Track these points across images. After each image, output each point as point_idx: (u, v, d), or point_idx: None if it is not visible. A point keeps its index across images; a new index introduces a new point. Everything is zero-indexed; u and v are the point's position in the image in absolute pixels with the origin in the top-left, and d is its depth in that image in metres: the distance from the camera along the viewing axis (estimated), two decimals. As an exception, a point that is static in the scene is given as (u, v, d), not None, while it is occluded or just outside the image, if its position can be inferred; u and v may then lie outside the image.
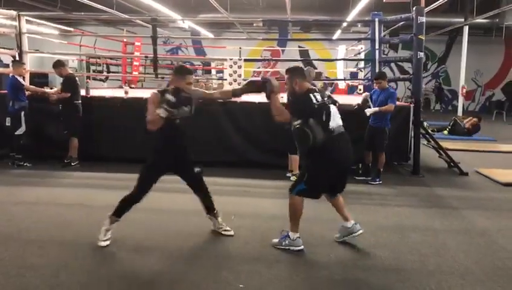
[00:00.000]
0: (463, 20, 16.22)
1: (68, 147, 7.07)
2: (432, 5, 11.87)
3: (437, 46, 21.85)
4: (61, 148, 7.11)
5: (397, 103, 7.78)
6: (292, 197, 3.88)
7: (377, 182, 6.54)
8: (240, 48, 13.10)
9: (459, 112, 16.14)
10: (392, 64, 19.91)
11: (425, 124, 7.76)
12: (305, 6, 16.39)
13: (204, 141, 6.93)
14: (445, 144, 9.14)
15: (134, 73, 12.82)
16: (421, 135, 7.36)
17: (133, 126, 7.26)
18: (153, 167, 3.93)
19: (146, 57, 11.22)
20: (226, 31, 20.91)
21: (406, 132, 7.29)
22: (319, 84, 8.19)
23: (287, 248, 3.87)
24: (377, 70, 7.82)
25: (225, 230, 4.28)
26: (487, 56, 21.28)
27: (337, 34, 18.77)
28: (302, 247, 3.88)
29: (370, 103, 6.68)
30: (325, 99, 3.83)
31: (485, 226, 4.73)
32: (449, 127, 12.00)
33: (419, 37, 6.98)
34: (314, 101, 3.73)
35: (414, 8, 7.11)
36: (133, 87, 12.12)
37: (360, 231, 4.09)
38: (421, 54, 7.03)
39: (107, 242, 3.89)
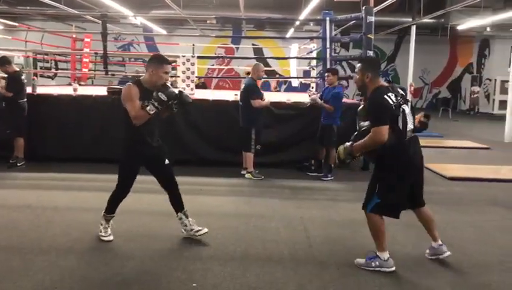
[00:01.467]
0: (411, 19, 16.77)
1: (13, 147, 6.79)
2: (381, 5, 12.19)
3: (386, 45, 22.50)
4: (5, 148, 6.81)
5: (347, 100, 7.95)
6: (368, 216, 3.51)
7: (329, 178, 6.67)
8: (193, 45, 13.00)
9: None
10: (344, 63, 20.31)
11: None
12: (259, 4, 16.44)
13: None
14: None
15: (83, 70, 12.44)
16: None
17: (82, 124, 7.09)
18: (129, 162, 3.92)
19: (96, 53, 10.91)
20: (179, 27, 20.69)
21: (355, 129, 7.43)
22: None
23: (378, 269, 3.48)
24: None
25: (197, 231, 4.07)
26: (434, 55, 22.12)
27: (290, 33, 18.96)
28: (394, 268, 3.50)
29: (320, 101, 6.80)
30: (399, 98, 3.38)
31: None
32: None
33: (369, 36, 7.16)
34: (391, 102, 3.30)
35: (363, 8, 7.29)
36: (82, 85, 11.77)
37: (447, 254, 3.71)
38: (371, 53, 7.20)
39: (111, 237, 3.98)
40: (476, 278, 3.49)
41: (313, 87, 11.45)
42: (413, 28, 16.54)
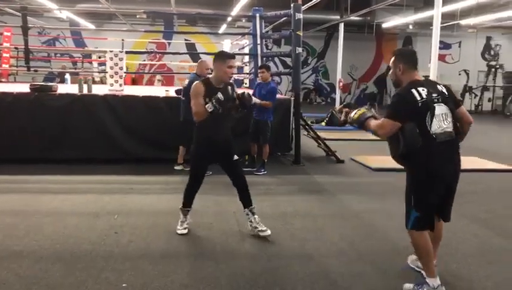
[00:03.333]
0: (339, 17, 17.31)
1: None
2: (309, 3, 12.49)
3: (316, 42, 23.06)
4: None
5: (279, 96, 8.08)
6: (411, 234, 3.08)
7: (262, 173, 6.75)
8: (123, 39, 12.63)
9: (337, 104, 17.22)
10: (276, 59, 20.58)
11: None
12: (189, 0, 16.28)
13: (84, 136, 6.63)
14: (324, 135, 9.71)
15: (4, 66, 11.71)
16: (301, 126, 7.73)
17: (2, 124, 6.70)
18: (197, 157, 4.15)
19: (16, 48, 10.31)
20: (108, 22, 20.03)
21: (287, 124, 7.61)
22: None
23: None
24: (259, 64, 8.03)
25: (260, 231, 4.11)
26: (361, 52, 22.94)
27: (223, 28, 18.94)
28: None
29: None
30: (433, 96, 2.98)
31: (358, 209, 5.12)
32: (327, 119, 12.75)
33: (297, 33, 7.30)
34: (418, 98, 2.95)
35: (292, 5, 7.41)
36: (3, 81, 11.10)
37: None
38: (299, 49, 7.36)
39: (185, 231, 4.16)
40: (402, 263, 3.67)
41: (246, 83, 11.53)
42: (341, 26, 17.07)
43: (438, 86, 3.09)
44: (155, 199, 5.32)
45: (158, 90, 7.92)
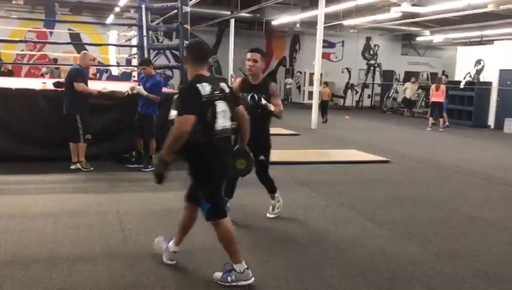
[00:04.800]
0: (229, 13, 17.47)
1: None
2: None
3: (208, 36, 22.97)
4: None
5: (167, 90, 7.94)
6: (212, 224, 3.16)
7: (149, 169, 6.54)
8: (-6, 27, 11.52)
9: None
10: (168, 53, 20.23)
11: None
12: (73, -13, 15.35)
13: None
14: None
15: None
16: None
17: None
18: None
19: None
20: (-22, 7, 18.18)
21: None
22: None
23: (234, 284, 3.11)
24: (146, 57, 7.82)
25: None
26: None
27: (111, 19, 18.13)
28: (252, 279, 3.15)
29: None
30: (216, 92, 3.06)
31: (248, 201, 5.15)
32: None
33: (185, 26, 7.21)
34: (202, 93, 2.98)
35: (179, -2, 7.31)
36: None
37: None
38: (187, 43, 7.27)
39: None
40: (282, 252, 3.78)
41: (134, 76, 11.16)
42: (232, 22, 17.29)
43: (221, 83, 3.19)
44: (30, 200, 4.92)
45: (34, 83, 7.34)
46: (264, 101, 4.14)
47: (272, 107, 4.18)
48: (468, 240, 4.33)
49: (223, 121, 3.11)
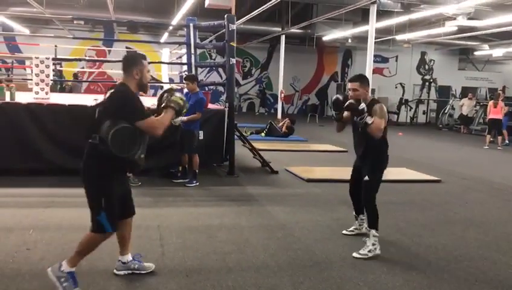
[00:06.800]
0: (280, 29, 17.58)
1: None
2: (249, 15, 12.60)
3: (260, 53, 23.33)
4: None
5: (213, 106, 8.04)
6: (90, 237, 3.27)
7: (194, 184, 6.65)
8: (56, 46, 12.19)
9: (279, 115, 17.42)
10: (221, 70, 20.58)
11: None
12: (129, 7, 16.01)
13: (3, 145, 6.30)
14: (262, 145, 9.78)
15: None
16: (236, 137, 7.72)
17: None
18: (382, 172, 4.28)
19: None
20: (45, 27, 19.37)
21: (221, 134, 7.56)
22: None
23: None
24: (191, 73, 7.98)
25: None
26: (303, 64, 23.41)
27: (165, 37, 18.74)
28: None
29: None
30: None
31: (285, 220, 5.14)
32: (266, 130, 12.86)
33: (231, 43, 7.30)
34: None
35: (225, 16, 7.41)
36: None
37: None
38: (233, 60, 7.37)
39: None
40: (318, 274, 3.69)
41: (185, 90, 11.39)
42: (283, 38, 17.35)
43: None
44: (77, 214, 5.06)
45: (86, 99, 7.65)
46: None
47: (369, 121, 4.04)
48: (521, 267, 4.04)
49: None
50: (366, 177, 4.21)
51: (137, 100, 3.16)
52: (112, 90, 3.18)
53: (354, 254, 4.11)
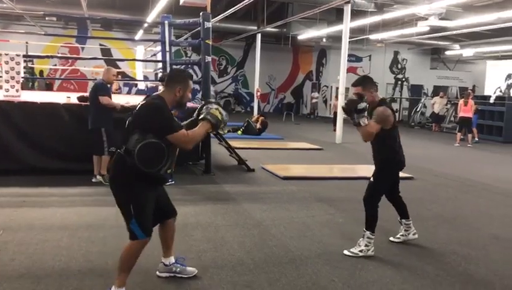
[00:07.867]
0: (256, 28, 17.61)
1: None
2: (225, 12, 12.58)
3: (236, 51, 23.31)
4: None
5: (191, 104, 7.98)
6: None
7: (170, 183, 6.56)
8: (27, 42, 11.93)
9: (255, 113, 17.45)
10: (196, 68, 20.49)
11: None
12: (103, 4, 15.79)
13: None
14: (238, 143, 9.78)
15: None
16: (212, 135, 7.69)
17: None
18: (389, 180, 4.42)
19: None
20: (15, 23, 18.90)
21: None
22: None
23: None
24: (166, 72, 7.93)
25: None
26: (279, 62, 23.51)
27: (139, 35, 18.54)
28: None
29: None
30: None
31: (261, 218, 5.16)
32: (243, 128, 12.87)
33: (207, 41, 7.28)
34: None
35: (201, 14, 7.39)
36: None
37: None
38: (209, 58, 7.35)
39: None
40: (293, 270, 3.72)
41: (160, 90, 11.31)
42: (259, 36, 17.40)
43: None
44: (49, 213, 5.00)
45: (58, 97, 7.52)
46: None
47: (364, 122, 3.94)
48: (490, 261, 4.16)
49: None
50: (371, 179, 4.25)
51: (170, 114, 3.04)
52: (144, 102, 3.07)
53: (345, 252, 4.14)
